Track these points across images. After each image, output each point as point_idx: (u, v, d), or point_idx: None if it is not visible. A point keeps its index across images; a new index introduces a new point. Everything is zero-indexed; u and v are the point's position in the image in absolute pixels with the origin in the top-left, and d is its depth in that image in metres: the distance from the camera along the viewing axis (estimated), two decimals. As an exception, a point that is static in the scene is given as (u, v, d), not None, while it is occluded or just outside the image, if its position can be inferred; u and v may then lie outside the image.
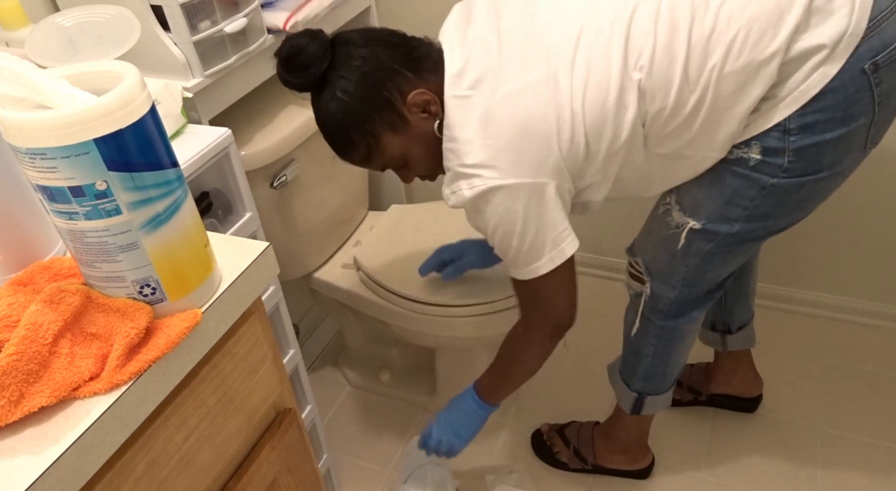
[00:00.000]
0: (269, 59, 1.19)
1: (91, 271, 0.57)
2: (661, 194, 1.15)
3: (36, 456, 0.50)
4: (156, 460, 0.61)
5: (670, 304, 1.21)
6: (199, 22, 1.04)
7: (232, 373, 0.69)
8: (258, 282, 0.68)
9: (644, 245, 1.20)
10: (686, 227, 1.08)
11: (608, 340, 1.80)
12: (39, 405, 0.52)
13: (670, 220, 1.11)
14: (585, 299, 1.92)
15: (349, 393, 1.77)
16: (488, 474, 1.50)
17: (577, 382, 1.72)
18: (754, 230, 1.07)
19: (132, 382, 0.55)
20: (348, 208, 1.62)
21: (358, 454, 1.61)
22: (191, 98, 1.04)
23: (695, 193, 1.06)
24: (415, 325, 1.43)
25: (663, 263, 1.16)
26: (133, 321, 0.56)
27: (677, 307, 1.21)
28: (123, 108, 0.51)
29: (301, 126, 1.34)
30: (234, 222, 1.08)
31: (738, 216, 1.04)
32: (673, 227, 1.10)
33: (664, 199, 1.13)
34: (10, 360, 0.51)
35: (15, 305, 0.56)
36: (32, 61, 0.88)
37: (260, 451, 0.75)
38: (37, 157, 0.50)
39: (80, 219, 0.53)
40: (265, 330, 0.74)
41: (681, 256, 1.12)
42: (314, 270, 1.55)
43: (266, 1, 1.18)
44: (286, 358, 1.21)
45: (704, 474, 1.48)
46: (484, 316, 1.38)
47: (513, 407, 1.67)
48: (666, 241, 1.13)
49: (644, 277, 1.20)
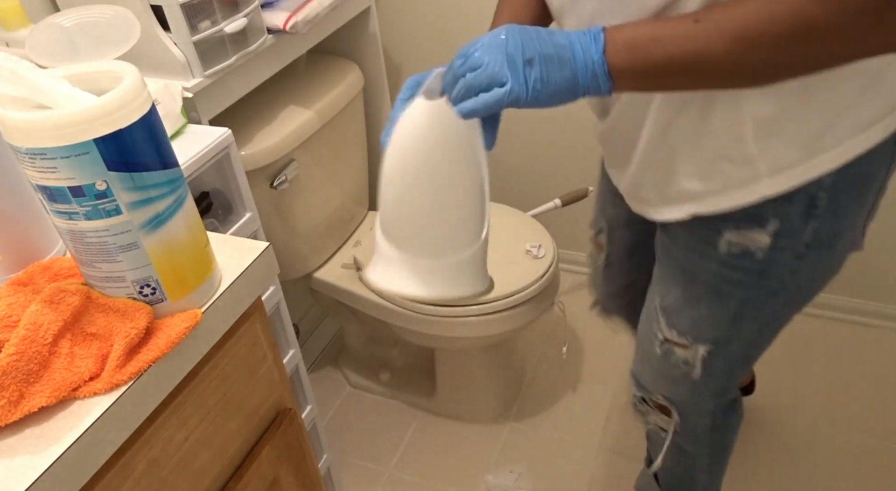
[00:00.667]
0: (269, 59, 1.19)
1: (91, 271, 0.57)
2: (651, 328, 0.98)
3: (36, 456, 0.50)
4: (156, 460, 0.61)
5: (709, 415, 1.05)
6: (199, 22, 1.03)
7: (232, 373, 0.69)
8: (258, 282, 0.68)
9: (656, 383, 1.04)
10: (697, 357, 0.94)
11: (608, 340, 1.80)
12: (39, 405, 0.52)
13: (676, 359, 0.96)
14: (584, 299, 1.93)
15: (349, 393, 1.77)
16: (488, 474, 1.51)
17: (577, 382, 1.72)
18: (779, 327, 0.93)
19: (132, 382, 0.55)
20: (348, 208, 1.62)
21: (358, 454, 1.61)
22: (191, 98, 1.04)
23: (690, 313, 0.91)
24: (415, 325, 1.43)
25: (686, 395, 1.02)
26: (133, 321, 0.56)
27: (721, 411, 1.06)
28: (123, 108, 0.51)
29: (301, 126, 1.34)
30: (234, 222, 1.08)
31: (753, 328, 0.90)
32: (682, 364, 0.96)
33: (655, 334, 0.97)
34: (10, 360, 0.51)
35: (15, 305, 0.56)
36: (32, 61, 0.88)
37: (260, 451, 0.75)
38: (37, 157, 0.50)
39: (80, 219, 0.53)
40: (265, 330, 0.74)
41: (703, 381, 0.97)
42: (314, 270, 1.55)
43: (266, 1, 1.18)
44: (286, 358, 1.21)
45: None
46: (484, 316, 1.38)
47: (513, 407, 1.67)
48: (682, 378, 0.98)
49: (669, 407, 1.04)
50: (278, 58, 1.22)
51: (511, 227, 1.53)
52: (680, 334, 0.93)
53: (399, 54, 1.79)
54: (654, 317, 0.97)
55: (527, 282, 1.38)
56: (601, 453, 1.55)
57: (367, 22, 1.53)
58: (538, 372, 1.75)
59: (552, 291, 1.45)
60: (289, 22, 1.17)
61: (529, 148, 1.82)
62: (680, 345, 0.94)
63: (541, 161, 1.83)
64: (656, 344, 0.98)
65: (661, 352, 0.97)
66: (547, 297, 1.44)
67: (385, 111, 1.67)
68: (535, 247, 1.44)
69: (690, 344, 0.93)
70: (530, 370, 1.76)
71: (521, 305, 1.38)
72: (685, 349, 0.94)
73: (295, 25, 1.17)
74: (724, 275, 0.85)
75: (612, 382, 1.70)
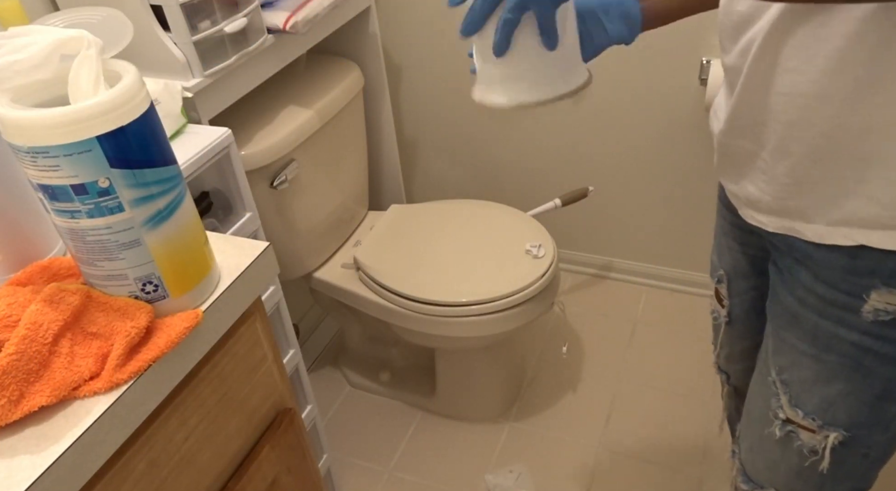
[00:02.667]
0: (269, 59, 1.19)
1: (92, 270, 0.57)
2: (769, 404, 0.82)
3: (36, 456, 0.50)
4: (156, 460, 0.61)
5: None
6: (199, 22, 1.03)
7: (232, 373, 0.69)
8: (258, 282, 0.68)
9: (772, 475, 0.86)
10: (826, 443, 0.78)
11: (608, 340, 1.80)
12: (39, 405, 0.52)
13: (800, 445, 0.80)
14: (584, 299, 1.93)
15: (349, 393, 1.77)
16: (488, 474, 1.51)
17: (577, 382, 1.71)
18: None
19: (132, 381, 0.55)
20: (348, 208, 1.62)
21: (358, 454, 1.61)
22: (191, 98, 1.04)
23: (821, 391, 0.76)
24: (415, 325, 1.43)
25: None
26: (133, 320, 0.56)
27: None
28: (125, 104, 0.51)
29: (301, 126, 1.34)
30: (234, 222, 1.08)
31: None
32: (808, 452, 0.80)
33: (776, 412, 0.81)
34: (10, 359, 0.51)
35: (15, 304, 0.56)
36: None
37: (260, 451, 0.75)
38: (39, 155, 0.50)
39: (82, 217, 0.53)
40: (265, 330, 0.74)
41: (831, 477, 0.81)
42: (314, 270, 1.55)
43: (266, 1, 1.18)
44: (286, 358, 1.21)
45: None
46: (484, 316, 1.38)
47: (513, 407, 1.67)
48: (806, 472, 0.82)
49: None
50: (278, 58, 1.22)
51: (511, 227, 1.53)
52: (806, 416, 0.78)
53: (399, 54, 1.79)
54: (772, 391, 0.81)
55: (527, 282, 1.38)
56: (601, 453, 1.55)
57: (367, 22, 1.53)
58: (538, 372, 1.75)
59: (552, 291, 1.45)
60: (289, 22, 1.17)
61: (529, 148, 1.83)
62: (806, 429, 0.78)
63: (541, 161, 1.84)
64: (776, 425, 0.82)
65: (782, 435, 0.81)
66: (547, 297, 1.44)
67: (385, 111, 1.67)
68: (535, 247, 1.44)
69: (819, 429, 0.77)
70: (530, 370, 1.76)
71: (521, 304, 1.38)
72: (812, 434, 0.78)
73: (295, 25, 1.17)
74: (868, 346, 0.70)
75: (612, 382, 1.70)
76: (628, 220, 1.86)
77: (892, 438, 0.78)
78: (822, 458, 0.78)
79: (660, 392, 1.66)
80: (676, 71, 1.54)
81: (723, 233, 0.91)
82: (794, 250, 0.73)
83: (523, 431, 1.61)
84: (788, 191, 0.69)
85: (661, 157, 1.70)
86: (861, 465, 0.80)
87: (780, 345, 0.79)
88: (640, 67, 1.56)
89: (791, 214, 0.71)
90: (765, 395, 0.83)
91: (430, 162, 1.98)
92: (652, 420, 1.60)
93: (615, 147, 1.73)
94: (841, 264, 0.68)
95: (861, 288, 0.67)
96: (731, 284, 0.94)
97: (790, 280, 0.75)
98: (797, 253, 0.73)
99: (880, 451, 0.79)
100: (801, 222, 0.70)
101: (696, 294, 1.89)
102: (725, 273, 0.94)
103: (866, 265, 0.66)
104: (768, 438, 0.83)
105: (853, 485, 0.83)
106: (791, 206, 0.70)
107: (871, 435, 0.76)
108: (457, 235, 1.53)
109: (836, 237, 0.67)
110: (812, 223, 0.69)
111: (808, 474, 0.81)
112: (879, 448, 0.78)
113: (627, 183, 1.78)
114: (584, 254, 1.99)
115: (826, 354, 0.73)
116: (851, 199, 0.65)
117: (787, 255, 0.75)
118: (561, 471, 1.52)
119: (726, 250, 0.92)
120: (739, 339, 0.99)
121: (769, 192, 0.72)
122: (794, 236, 0.71)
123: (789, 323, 0.77)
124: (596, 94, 1.65)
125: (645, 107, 1.63)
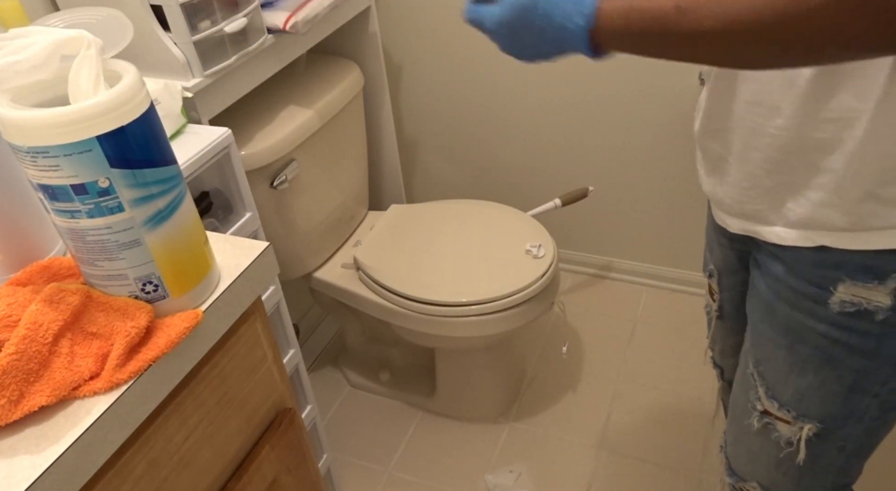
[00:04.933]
0: (269, 58, 1.19)
1: (92, 270, 0.57)
2: (748, 396, 0.84)
3: (36, 456, 0.50)
4: (156, 460, 0.61)
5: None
6: (199, 22, 1.03)
7: (232, 373, 0.69)
8: (258, 282, 0.68)
9: (753, 467, 0.88)
10: (800, 434, 0.79)
11: (607, 340, 1.80)
12: (39, 405, 0.52)
13: (778, 436, 0.81)
14: (584, 299, 1.93)
15: (349, 393, 1.77)
16: (488, 474, 1.51)
17: (577, 382, 1.72)
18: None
19: (132, 381, 0.55)
20: (348, 208, 1.62)
21: (358, 454, 1.61)
22: (191, 98, 1.04)
23: (795, 382, 0.77)
24: (415, 325, 1.43)
25: (788, 486, 0.86)
26: (133, 320, 0.56)
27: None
28: (125, 104, 0.51)
29: (301, 126, 1.34)
30: (234, 222, 1.08)
31: (873, 406, 0.75)
32: (784, 443, 0.81)
33: (753, 404, 0.83)
34: (10, 359, 0.51)
35: (15, 304, 0.56)
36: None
37: (260, 451, 0.75)
38: (39, 155, 0.50)
39: (82, 217, 0.53)
40: (265, 330, 0.74)
41: (809, 470, 0.82)
42: (314, 270, 1.55)
43: (266, 1, 1.18)
44: (286, 358, 1.21)
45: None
46: (484, 316, 1.38)
47: (513, 407, 1.67)
48: (784, 463, 0.83)
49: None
50: (278, 58, 1.22)
51: (511, 227, 1.53)
52: (781, 407, 0.79)
53: (399, 54, 1.79)
54: (750, 383, 0.83)
55: (527, 282, 1.38)
56: (601, 453, 1.55)
57: (367, 22, 1.53)
58: (538, 372, 1.75)
59: (552, 291, 1.45)
60: (289, 22, 1.17)
61: (529, 148, 1.83)
62: (782, 420, 0.79)
63: (541, 161, 1.84)
64: (754, 416, 0.83)
65: (759, 426, 0.83)
66: (547, 297, 1.44)
67: (385, 111, 1.67)
68: (535, 247, 1.44)
69: (794, 420, 0.79)
70: (530, 370, 1.76)
71: (521, 304, 1.38)
72: (789, 426, 0.79)
73: (295, 25, 1.17)
74: (836, 337, 0.72)
75: (612, 382, 1.70)
76: (628, 220, 1.86)
77: (868, 431, 0.78)
78: (798, 450, 0.80)
79: (660, 392, 1.66)
80: (676, 71, 1.54)
81: (712, 228, 0.93)
82: (768, 244, 0.75)
83: (523, 431, 1.61)
84: (747, 195, 0.72)
85: (662, 158, 1.70)
86: (838, 458, 0.81)
87: (758, 337, 0.81)
88: (641, 67, 1.56)
89: (750, 217, 0.74)
90: (745, 387, 0.84)
91: (430, 162, 1.98)
92: (652, 420, 1.60)
93: (615, 147, 1.73)
94: (808, 258, 0.70)
95: (828, 281, 0.69)
96: (721, 279, 0.96)
97: (766, 273, 0.77)
98: (770, 246, 0.75)
99: (856, 444, 0.79)
100: (761, 225, 0.73)
101: (697, 294, 1.89)
102: (716, 268, 0.96)
103: (832, 259, 0.68)
104: (748, 430, 0.85)
105: (833, 479, 0.84)
106: (749, 210, 0.73)
107: (845, 427, 0.77)
108: (457, 235, 1.53)
109: (797, 239, 0.70)
110: (771, 225, 0.72)
111: (787, 467, 0.83)
112: (855, 441, 0.79)
113: (627, 183, 1.78)
114: (584, 254, 1.99)
115: (799, 345, 0.75)
116: (805, 205, 0.68)
117: (762, 248, 0.77)
118: (561, 471, 1.52)
119: (716, 246, 0.94)
120: (731, 333, 1.01)
121: (730, 195, 0.75)
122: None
123: (765, 315, 0.79)
124: (596, 94, 1.65)
125: (645, 107, 1.63)
